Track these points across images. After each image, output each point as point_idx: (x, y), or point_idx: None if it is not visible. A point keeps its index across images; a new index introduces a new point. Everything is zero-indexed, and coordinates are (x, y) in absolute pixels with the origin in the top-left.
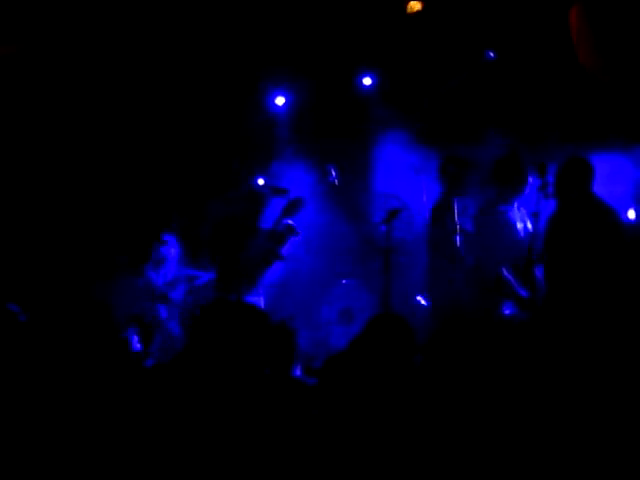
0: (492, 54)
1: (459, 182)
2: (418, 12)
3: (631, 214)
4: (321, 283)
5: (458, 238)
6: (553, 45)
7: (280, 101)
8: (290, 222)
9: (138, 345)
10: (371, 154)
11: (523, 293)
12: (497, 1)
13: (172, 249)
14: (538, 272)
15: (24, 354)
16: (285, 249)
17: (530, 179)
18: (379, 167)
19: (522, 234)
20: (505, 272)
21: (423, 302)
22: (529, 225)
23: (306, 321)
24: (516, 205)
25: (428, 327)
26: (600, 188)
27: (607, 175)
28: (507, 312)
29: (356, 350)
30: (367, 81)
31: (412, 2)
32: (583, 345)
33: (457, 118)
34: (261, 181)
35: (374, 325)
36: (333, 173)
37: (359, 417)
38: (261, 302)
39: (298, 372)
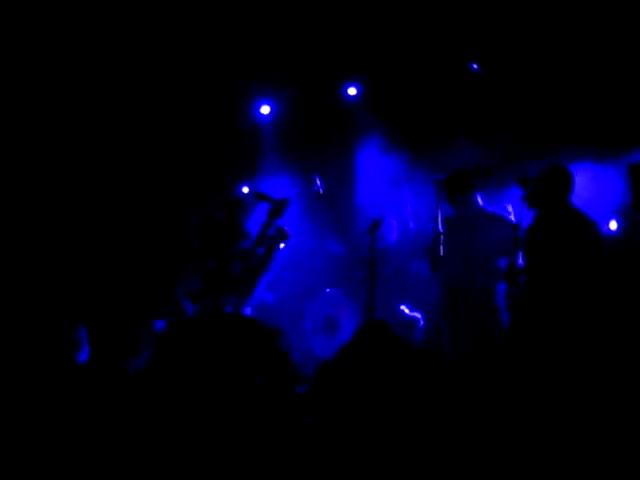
0: (476, 66)
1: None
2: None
3: (613, 225)
4: (304, 292)
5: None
6: (537, 54)
7: (265, 110)
8: (280, 225)
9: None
10: (355, 163)
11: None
12: (483, 12)
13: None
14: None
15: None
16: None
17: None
18: (363, 176)
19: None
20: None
21: (407, 311)
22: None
23: (290, 330)
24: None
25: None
26: (582, 198)
27: (589, 185)
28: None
29: (347, 357)
30: (352, 91)
31: None
32: (562, 351)
33: (441, 128)
34: (245, 189)
35: (364, 331)
36: (318, 182)
37: (353, 423)
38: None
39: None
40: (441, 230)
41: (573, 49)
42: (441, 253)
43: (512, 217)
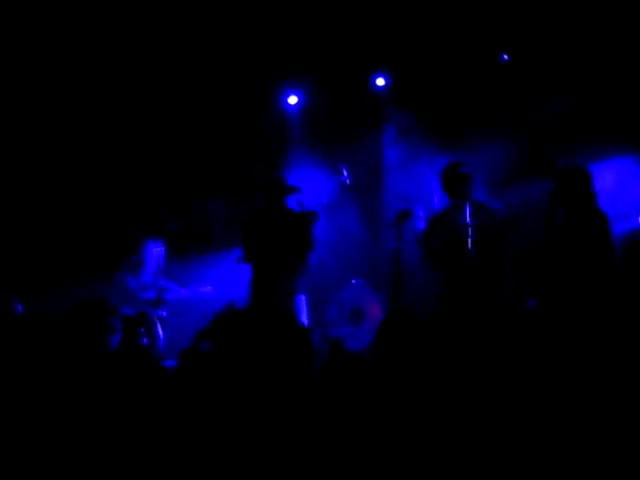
0: (506, 57)
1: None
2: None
3: None
4: (329, 283)
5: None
6: (565, 48)
7: (293, 100)
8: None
9: (145, 339)
10: (383, 154)
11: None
12: (511, 3)
13: (155, 252)
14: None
15: (21, 346)
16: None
17: None
18: (391, 167)
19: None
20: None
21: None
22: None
23: (316, 320)
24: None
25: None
26: (610, 194)
27: (618, 180)
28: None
29: (375, 348)
30: (380, 81)
31: None
32: (577, 346)
33: (469, 119)
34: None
35: (391, 321)
36: (345, 173)
37: (381, 412)
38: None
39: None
40: (469, 223)
41: (602, 41)
42: (469, 246)
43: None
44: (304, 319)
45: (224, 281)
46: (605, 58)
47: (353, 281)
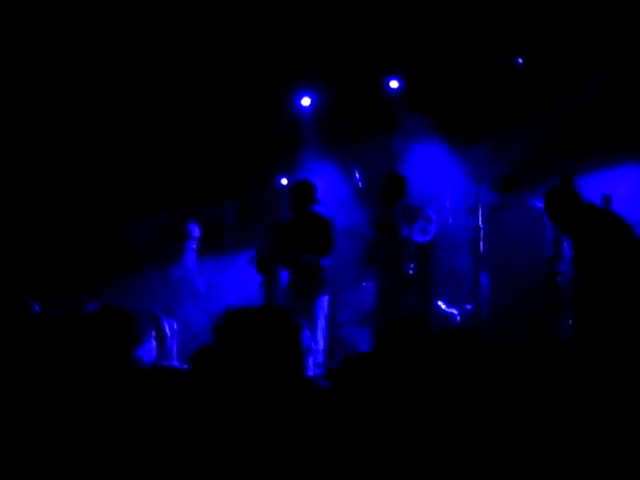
0: (520, 60)
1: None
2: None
3: None
4: (339, 285)
5: None
6: (576, 52)
7: (306, 102)
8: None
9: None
10: (396, 157)
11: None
12: (525, 7)
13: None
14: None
15: (37, 345)
16: None
17: None
18: (403, 170)
19: None
20: None
21: (444, 307)
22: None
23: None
24: None
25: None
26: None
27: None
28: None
29: (378, 352)
30: (394, 84)
31: None
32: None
33: (485, 121)
34: (285, 181)
35: (397, 327)
36: (357, 175)
37: (378, 420)
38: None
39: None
40: (481, 226)
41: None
42: (481, 249)
43: None
44: (322, 321)
45: (237, 283)
46: (617, 63)
47: (364, 283)
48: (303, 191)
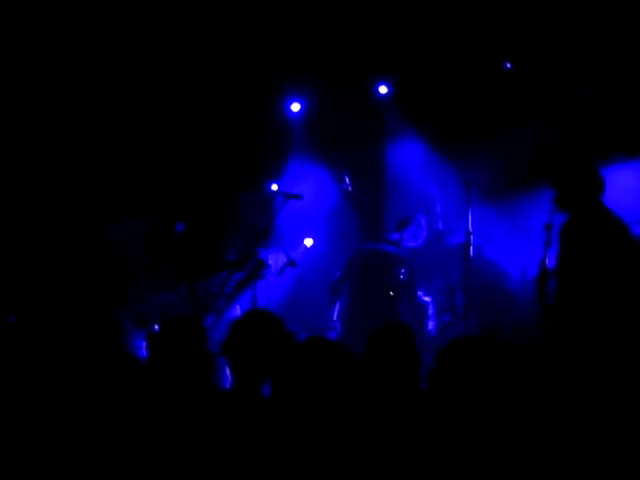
0: (509, 65)
1: None
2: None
3: None
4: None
5: None
6: (569, 53)
7: (295, 107)
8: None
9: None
10: (385, 162)
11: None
12: (514, 10)
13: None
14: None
15: (14, 354)
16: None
17: None
18: (393, 175)
19: None
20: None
21: (427, 299)
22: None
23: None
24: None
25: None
26: (615, 199)
27: (623, 185)
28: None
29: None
30: (383, 89)
31: None
32: (594, 356)
33: (471, 127)
34: (275, 186)
35: (381, 335)
36: (347, 180)
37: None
38: None
39: None
40: (471, 230)
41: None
42: (471, 253)
43: None
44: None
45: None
46: (611, 59)
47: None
48: None
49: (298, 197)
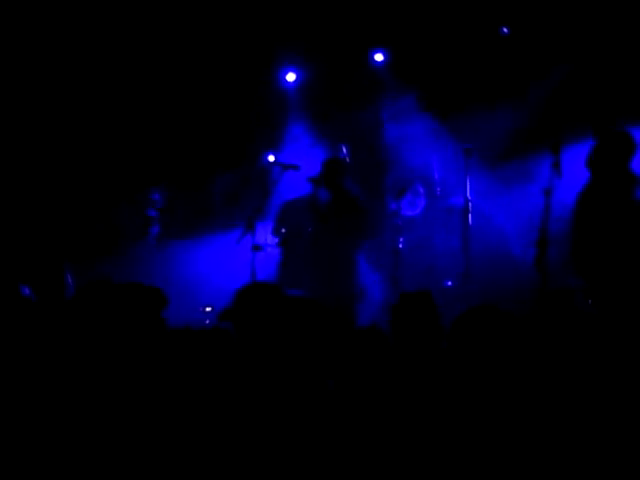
0: (506, 30)
1: None
2: None
3: None
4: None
5: None
6: (571, 18)
7: (291, 77)
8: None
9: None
10: (382, 131)
11: None
12: None
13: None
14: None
15: (35, 333)
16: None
17: None
18: (390, 144)
19: None
20: None
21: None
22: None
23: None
24: None
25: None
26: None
27: None
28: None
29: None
30: (379, 57)
31: None
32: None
33: (469, 94)
34: (272, 157)
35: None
36: (344, 151)
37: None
38: None
39: None
40: (470, 198)
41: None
42: (470, 221)
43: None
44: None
45: (221, 261)
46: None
47: None
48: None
49: (296, 167)
